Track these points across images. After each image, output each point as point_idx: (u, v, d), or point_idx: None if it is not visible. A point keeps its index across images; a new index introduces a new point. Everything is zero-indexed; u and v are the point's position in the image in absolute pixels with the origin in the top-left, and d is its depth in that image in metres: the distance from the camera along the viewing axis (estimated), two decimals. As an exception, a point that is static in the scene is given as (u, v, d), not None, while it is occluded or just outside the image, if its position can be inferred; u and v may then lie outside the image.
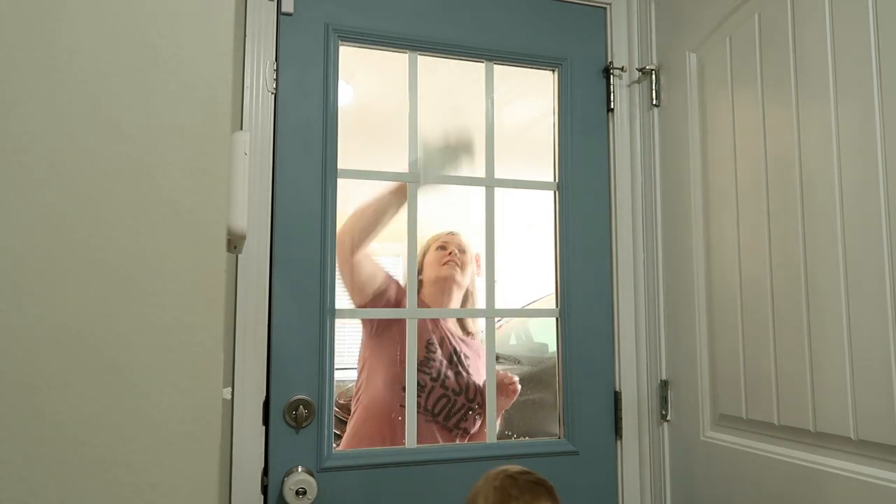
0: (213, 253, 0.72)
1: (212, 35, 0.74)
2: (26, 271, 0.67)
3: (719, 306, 1.38)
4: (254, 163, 1.39)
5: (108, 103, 0.71)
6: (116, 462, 0.68)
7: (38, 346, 0.67)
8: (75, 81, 0.70)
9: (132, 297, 0.69)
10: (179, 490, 0.69)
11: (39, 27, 0.70)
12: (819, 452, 1.12)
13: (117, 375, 0.68)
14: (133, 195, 0.70)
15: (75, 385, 0.67)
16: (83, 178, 0.69)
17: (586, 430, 1.56)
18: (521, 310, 3.03)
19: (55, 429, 0.67)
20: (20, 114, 0.68)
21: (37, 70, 0.69)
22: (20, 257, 0.67)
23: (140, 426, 0.69)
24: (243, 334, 1.35)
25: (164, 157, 0.72)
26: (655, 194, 1.58)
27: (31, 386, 0.66)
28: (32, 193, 0.68)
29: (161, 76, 0.72)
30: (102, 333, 0.68)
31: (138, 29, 0.72)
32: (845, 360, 1.07)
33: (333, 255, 1.44)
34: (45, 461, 0.66)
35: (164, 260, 0.71)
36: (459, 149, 1.66)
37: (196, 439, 0.70)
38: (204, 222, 0.72)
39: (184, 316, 0.71)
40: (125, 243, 0.70)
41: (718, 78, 1.40)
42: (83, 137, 0.70)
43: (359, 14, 1.50)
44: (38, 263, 0.67)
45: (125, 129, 0.71)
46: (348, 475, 1.40)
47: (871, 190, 1.03)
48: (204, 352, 0.71)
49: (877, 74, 1.03)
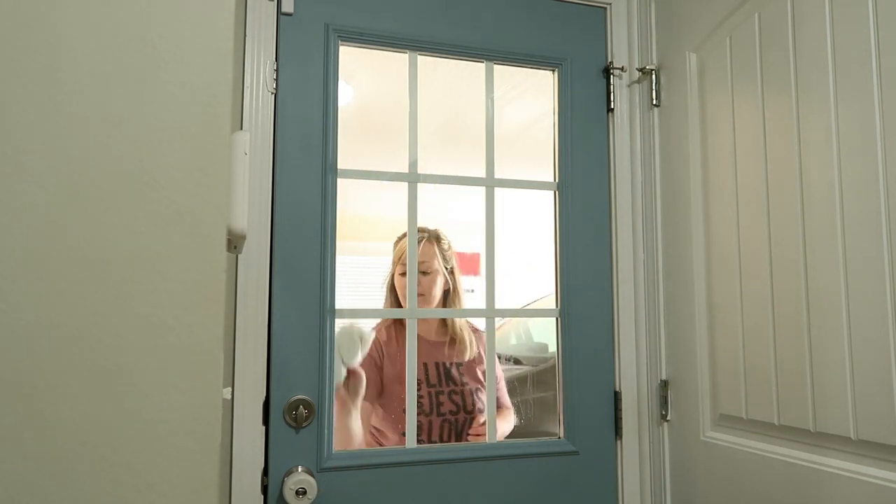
0: (213, 253, 0.72)
1: (212, 35, 0.74)
2: (26, 271, 0.67)
3: (719, 306, 1.38)
4: (254, 163, 1.39)
5: (108, 103, 0.71)
6: (116, 462, 0.68)
7: (38, 346, 0.67)
8: (75, 81, 0.70)
9: (132, 297, 0.69)
10: (179, 490, 0.69)
11: (40, 27, 0.70)
12: (819, 452, 1.12)
13: (117, 375, 0.68)
14: (133, 195, 0.70)
15: (75, 385, 0.67)
16: (83, 178, 0.69)
17: (586, 430, 1.56)
18: (521, 310, 3.03)
19: (55, 429, 0.67)
20: (20, 114, 0.68)
21: (37, 70, 0.69)
22: (20, 257, 0.67)
23: (140, 426, 0.69)
24: (243, 334, 1.35)
25: (164, 158, 0.72)
26: (655, 194, 1.58)
27: (32, 386, 0.66)
28: (32, 193, 0.68)
29: (161, 76, 0.72)
30: (102, 333, 0.68)
31: (138, 29, 0.72)
32: (845, 360, 1.07)
33: (333, 254, 1.44)
34: (45, 461, 0.66)
35: (164, 260, 0.71)
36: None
37: (196, 439, 0.70)
38: (204, 222, 0.72)
39: (184, 316, 0.71)
40: (125, 243, 0.70)
41: (718, 78, 1.40)
42: (83, 137, 0.70)
43: (359, 14, 1.50)
44: (38, 263, 0.67)
45: (125, 130, 0.71)
46: (348, 475, 1.40)
47: (871, 190, 1.03)
48: (204, 352, 0.71)
49: (877, 74, 1.03)
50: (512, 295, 3.11)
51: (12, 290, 0.66)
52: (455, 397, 1.82)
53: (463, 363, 1.86)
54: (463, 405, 1.82)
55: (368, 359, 1.79)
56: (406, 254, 1.59)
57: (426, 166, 1.54)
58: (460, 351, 1.86)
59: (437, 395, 1.80)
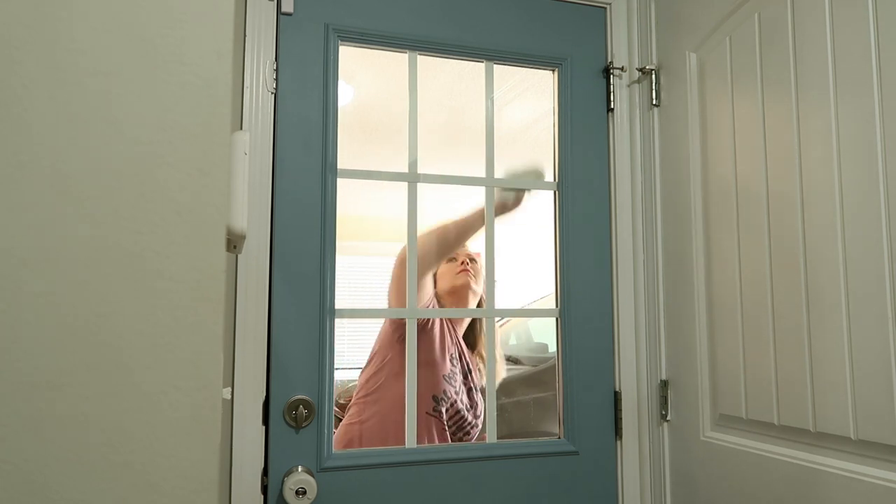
0: (213, 253, 0.72)
1: (212, 35, 0.74)
2: (26, 271, 0.67)
3: (719, 306, 1.38)
4: (254, 163, 1.39)
5: (109, 103, 0.71)
6: (116, 462, 0.68)
7: (39, 345, 0.67)
8: (76, 81, 0.70)
9: (132, 297, 0.69)
10: (179, 490, 0.69)
11: (40, 27, 0.70)
12: (819, 452, 1.12)
13: (117, 375, 0.68)
14: (133, 195, 0.70)
15: (75, 385, 0.67)
16: (83, 177, 0.69)
17: (586, 430, 1.56)
18: (521, 310, 3.03)
19: (56, 429, 0.67)
20: (20, 113, 0.68)
21: (37, 70, 0.69)
22: (20, 257, 0.67)
23: (140, 426, 0.69)
24: (243, 334, 1.35)
25: (164, 157, 0.72)
26: (655, 194, 1.58)
27: (32, 385, 0.66)
28: (33, 193, 0.68)
29: (161, 76, 0.72)
30: (102, 333, 0.68)
31: (139, 29, 0.72)
32: (845, 360, 1.07)
33: (333, 255, 1.44)
34: (46, 461, 0.66)
35: (164, 260, 0.71)
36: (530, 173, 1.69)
37: (196, 439, 0.70)
38: (204, 222, 0.72)
39: (184, 316, 0.71)
40: (125, 243, 0.70)
41: (718, 78, 1.40)
42: (83, 137, 0.70)
43: (359, 14, 1.50)
44: (38, 263, 0.67)
45: (125, 129, 0.71)
46: (348, 475, 1.40)
47: (871, 190, 1.03)
48: (204, 352, 0.71)
49: (877, 74, 1.03)
50: (512, 295, 3.11)
51: (13, 290, 0.66)
52: (472, 395, 1.88)
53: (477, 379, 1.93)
54: (474, 407, 1.87)
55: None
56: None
57: (426, 166, 1.54)
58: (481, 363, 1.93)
59: (463, 385, 1.86)
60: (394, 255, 1.72)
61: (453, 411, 1.79)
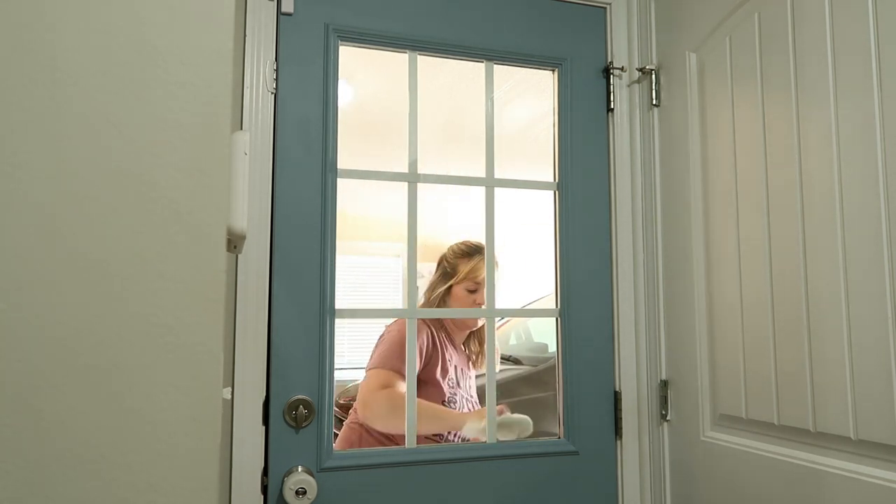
0: (213, 253, 0.72)
1: (212, 35, 0.74)
2: (26, 271, 0.67)
3: (719, 306, 1.38)
4: (254, 163, 1.39)
5: (108, 103, 0.71)
6: (116, 462, 0.68)
7: (38, 345, 0.67)
8: (75, 81, 0.70)
9: (132, 297, 0.70)
10: (179, 490, 0.69)
11: (39, 27, 0.70)
12: (819, 452, 1.12)
13: (117, 375, 0.68)
14: (133, 195, 0.71)
15: (75, 385, 0.67)
16: (83, 177, 0.69)
17: (586, 430, 1.56)
18: (521, 310, 3.03)
19: (55, 429, 0.67)
20: (19, 113, 0.68)
21: (37, 70, 0.69)
22: (19, 257, 0.67)
23: (140, 426, 0.69)
24: (243, 334, 1.35)
25: (163, 157, 0.72)
26: (655, 194, 1.58)
27: (31, 386, 0.66)
28: (32, 193, 0.68)
29: (161, 76, 0.72)
30: (102, 333, 0.68)
31: (138, 29, 0.72)
32: (845, 360, 1.07)
33: (333, 254, 1.44)
34: (45, 461, 0.66)
35: (164, 260, 0.71)
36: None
37: (196, 439, 0.70)
38: (204, 222, 0.72)
39: (184, 316, 0.71)
40: (125, 243, 0.70)
41: (718, 78, 1.40)
42: (83, 137, 0.70)
43: (359, 14, 1.50)
44: (38, 263, 0.67)
45: (125, 129, 0.71)
46: (348, 475, 1.40)
47: (871, 190, 1.03)
48: (204, 352, 0.71)
49: (877, 74, 1.03)
50: (512, 295, 3.12)
51: (12, 290, 0.66)
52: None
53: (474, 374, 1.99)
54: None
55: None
56: (467, 275, 1.73)
57: (426, 166, 1.54)
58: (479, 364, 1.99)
59: (465, 405, 1.92)
60: (394, 255, 1.73)
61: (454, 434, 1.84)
